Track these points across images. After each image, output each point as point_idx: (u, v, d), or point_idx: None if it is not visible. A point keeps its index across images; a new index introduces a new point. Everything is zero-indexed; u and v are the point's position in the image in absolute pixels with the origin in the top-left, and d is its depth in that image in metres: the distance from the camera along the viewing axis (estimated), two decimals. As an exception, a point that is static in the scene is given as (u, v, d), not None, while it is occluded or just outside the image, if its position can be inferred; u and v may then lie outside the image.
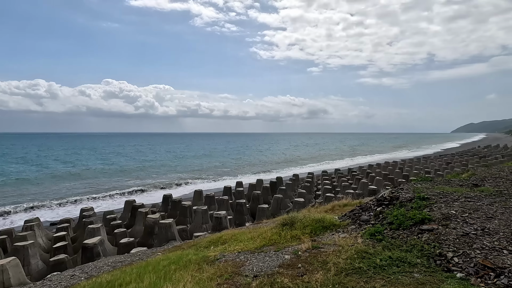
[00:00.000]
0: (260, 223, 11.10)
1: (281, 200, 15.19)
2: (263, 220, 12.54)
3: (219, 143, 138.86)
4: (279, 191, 17.43)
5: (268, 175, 34.69)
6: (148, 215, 11.87)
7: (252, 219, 14.47)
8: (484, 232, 3.71)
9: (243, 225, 12.49)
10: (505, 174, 8.30)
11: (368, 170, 25.83)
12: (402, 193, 6.03)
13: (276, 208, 15.06)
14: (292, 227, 6.04)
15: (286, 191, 17.84)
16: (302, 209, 11.55)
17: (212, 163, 51.91)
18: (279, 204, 15.09)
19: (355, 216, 6.31)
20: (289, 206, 16.16)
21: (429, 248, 3.55)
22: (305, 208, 11.75)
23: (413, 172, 24.44)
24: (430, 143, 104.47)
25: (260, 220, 12.68)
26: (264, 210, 13.45)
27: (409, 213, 4.68)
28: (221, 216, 11.09)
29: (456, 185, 6.68)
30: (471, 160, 31.33)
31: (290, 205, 16.54)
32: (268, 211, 13.89)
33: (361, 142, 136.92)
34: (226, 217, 11.47)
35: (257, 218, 13.38)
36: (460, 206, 4.79)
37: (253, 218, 14.45)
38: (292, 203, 15.78)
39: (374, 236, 4.47)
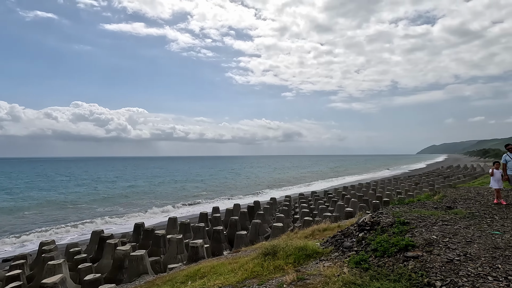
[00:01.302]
0: (239, 251, 10.64)
1: (259, 225, 14.82)
2: (242, 247, 12.05)
3: (195, 166, 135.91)
4: (257, 216, 17.06)
5: (245, 199, 34.11)
6: (118, 246, 10.96)
7: (230, 247, 13.88)
8: (467, 258, 3.74)
9: (221, 254, 11.91)
10: (472, 195, 8.73)
11: (343, 192, 26.25)
12: (382, 218, 6.06)
13: (254, 234, 14.63)
14: (275, 257, 5.79)
15: (264, 215, 17.51)
16: (282, 235, 11.29)
17: (187, 187, 50.30)
18: (257, 230, 14.69)
19: (337, 243, 6.21)
20: (268, 232, 15.78)
21: (417, 277, 3.49)
22: (284, 234, 11.49)
23: (385, 193, 25.19)
24: (399, 164, 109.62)
25: (238, 248, 12.16)
26: (243, 237, 13.00)
27: (392, 239, 4.66)
28: (198, 245, 10.50)
29: (431, 208, 6.87)
30: (437, 180, 33.08)
31: (268, 230, 16.17)
32: (246, 237, 13.43)
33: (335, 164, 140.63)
34: (203, 246, 10.89)
35: (235, 245, 12.86)
36: (440, 230, 4.87)
37: (231, 245, 13.88)
38: (271, 228, 15.45)
39: (360, 264, 4.37)
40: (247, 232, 14.71)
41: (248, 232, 14.80)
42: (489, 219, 5.65)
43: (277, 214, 18.18)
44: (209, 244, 13.31)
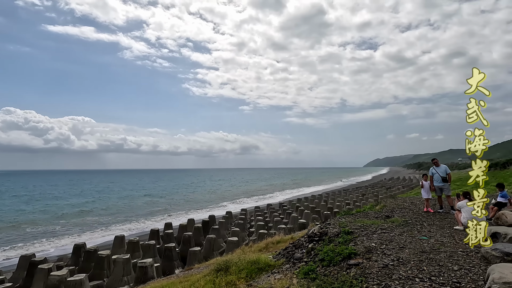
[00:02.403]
0: (192, 269, 10.24)
1: (214, 240, 14.49)
2: (195, 264, 11.62)
3: (146, 180, 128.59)
4: (212, 231, 16.70)
5: (200, 213, 33.14)
6: (52, 272, 9.78)
7: (183, 265, 13.29)
8: (400, 262, 4.14)
9: (172, 273, 11.32)
10: (407, 205, 9.71)
11: (297, 204, 27.06)
12: (330, 228, 6.41)
13: (209, 250, 14.24)
14: (227, 272, 5.72)
15: (219, 230, 17.19)
16: (236, 249, 11.18)
17: (137, 203, 47.22)
18: (212, 245, 14.34)
19: (288, 254, 6.38)
20: (223, 247, 15.48)
21: (357, 283, 3.75)
22: (239, 248, 11.40)
23: (336, 204, 26.60)
24: (348, 176, 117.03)
25: (191, 265, 11.71)
26: (196, 253, 12.56)
27: (337, 249, 4.95)
28: (147, 265, 9.87)
29: (372, 217, 7.47)
30: (381, 191, 36.00)
31: (223, 245, 15.87)
32: (200, 254, 13.01)
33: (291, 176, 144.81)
34: (153, 265, 10.26)
35: (188, 263, 12.37)
36: (378, 238, 5.32)
37: (184, 263, 13.30)
38: (226, 242, 15.20)
39: (308, 274, 4.54)
40: (201, 248, 14.26)
41: (202, 248, 14.36)
42: (419, 226, 6.34)
43: (233, 228, 17.99)
44: (160, 263, 12.59)
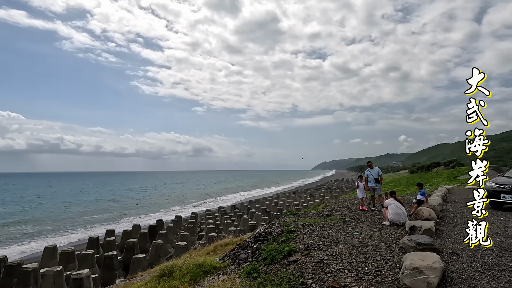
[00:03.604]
0: (135, 277, 9.69)
1: (160, 246, 13.90)
2: (139, 273, 11.01)
3: (87, 183, 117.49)
4: (159, 236, 15.99)
5: (148, 219, 31.43)
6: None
7: (125, 274, 12.46)
8: (333, 257, 4.51)
9: (112, 284, 10.56)
10: (346, 204, 10.54)
11: (248, 206, 27.40)
12: (274, 228, 6.66)
13: (155, 256, 13.60)
14: (170, 277, 5.58)
15: (167, 235, 16.54)
16: (184, 254, 10.90)
17: (75, 209, 42.90)
18: (158, 251, 13.73)
19: (234, 256, 6.45)
20: (171, 252, 14.93)
21: (294, 278, 3.99)
22: (187, 252, 11.14)
23: (285, 205, 27.58)
24: (298, 178, 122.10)
25: (134, 274, 11.06)
26: (140, 260, 11.91)
27: (280, 247, 5.18)
28: (82, 277, 9.05)
29: (314, 216, 7.96)
30: (326, 192, 38.34)
31: (171, 250, 15.31)
32: (145, 261, 12.36)
33: (244, 179, 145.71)
34: (89, 277, 9.45)
35: (131, 271, 11.66)
36: (317, 235, 5.70)
37: (127, 272, 12.49)
38: (174, 248, 14.70)
39: (251, 274, 4.67)
40: (146, 255, 13.56)
41: (147, 255, 13.66)
42: (354, 223, 6.95)
43: (182, 233, 17.48)
44: (98, 273, 11.64)
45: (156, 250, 13.75)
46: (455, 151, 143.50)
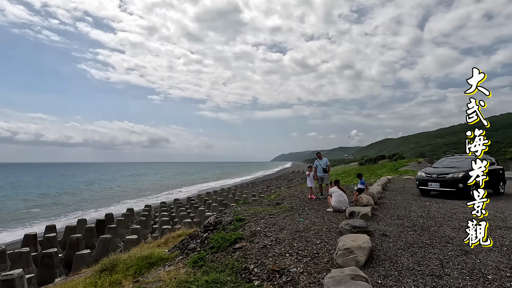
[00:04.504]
0: (77, 275, 9.08)
1: (108, 241, 13.17)
2: (82, 269, 10.33)
3: (24, 175, 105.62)
4: (108, 231, 15.14)
5: (96, 213, 29.44)
6: None
7: (67, 272, 11.60)
8: (277, 242, 4.71)
9: (50, 283, 9.75)
10: (297, 193, 11.02)
11: (205, 198, 27.16)
12: (224, 217, 6.72)
13: (102, 251, 12.84)
14: (113, 271, 5.34)
15: (116, 229, 15.71)
16: (134, 248, 10.48)
17: (12, 204, 38.42)
18: (106, 246, 12.99)
19: (183, 246, 6.39)
20: (120, 246, 14.24)
21: (238, 264, 4.10)
22: (138, 246, 10.73)
23: (243, 196, 27.90)
24: (257, 170, 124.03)
25: (77, 271, 10.35)
26: (84, 257, 11.17)
27: (227, 235, 5.26)
28: (14, 277, 8.19)
29: (265, 205, 8.20)
30: (283, 183, 39.61)
31: (121, 245, 14.61)
32: (90, 257, 11.62)
33: (202, 170, 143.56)
34: (23, 277, 8.59)
35: (74, 268, 10.90)
36: (265, 223, 5.89)
37: (70, 270, 11.63)
38: (124, 242, 14.03)
39: (197, 263, 4.67)
40: (92, 250, 12.75)
41: (94, 251, 12.86)
42: (301, 210, 7.32)
43: (133, 226, 16.75)
44: (35, 273, 10.66)
45: (103, 245, 13.00)
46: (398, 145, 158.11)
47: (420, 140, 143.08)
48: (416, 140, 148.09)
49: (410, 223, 5.96)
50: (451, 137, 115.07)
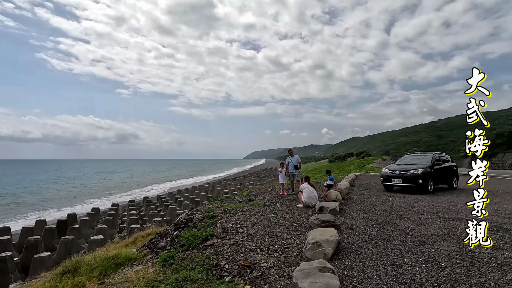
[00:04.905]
0: (35, 279, 8.48)
1: (71, 242, 12.45)
2: (41, 273, 9.67)
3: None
4: (70, 231, 14.30)
5: (57, 213, 27.62)
6: None
7: (24, 276, 10.80)
8: (248, 238, 4.75)
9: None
10: (269, 190, 11.16)
11: (177, 196, 26.58)
12: (196, 214, 6.64)
13: (64, 253, 12.10)
14: (76, 274, 5.07)
15: (80, 230, 14.88)
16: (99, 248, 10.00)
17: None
18: (68, 247, 12.27)
19: (153, 245, 6.22)
20: (84, 248, 13.52)
21: (209, 261, 4.08)
22: (102, 246, 10.26)
23: (215, 193, 27.68)
24: (230, 167, 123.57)
25: (36, 275, 9.67)
26: (43, 260, 10.47)
27: (198, 232, 5.20)
28: (-39, 285, 7.49)
29: (238, 202, 8.21)
30: (256, 180, 39.88)
31: (85, 246, 13.87)
32: (50, 260, 10.91)
33: (173, 167, 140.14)
34: (-28, 284, 7.88)
35: (32, 272, 10.18)
36: (236, 219, 5.91)
37: (27, 274, 10.84)
38: (88, 243, 13.33)
39: (167, 261, 4.58)
40: (53, 253, 11.97)
41: (54, 253, 12.08)
42: (272, 206, 7.43)
43: (99, 226, 15.96)
44: (-14, 279, 9.79)
45: (65, 247, 12.26)
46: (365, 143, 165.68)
47: (385, 138, 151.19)
48: (381, 139, 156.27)
49: (374, 216, 6.30)
50: (413, 136, 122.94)
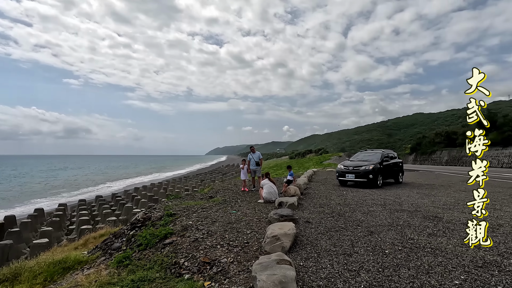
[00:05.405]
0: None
1: (9, 247, 11.22)
2: (-28, 284, 8.58)
3: None
4: (8, 236, 12.86)
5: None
6: None
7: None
8: (209, 235, 4.74)
9: None
10: (231, 186, 11.18)
11: (133, 194, 25.33)
12: (154, 213, 6.42)
13: (1, 260, 10.86)
14: (16, 281, 4.61)
15: (20, 233, 13.47)
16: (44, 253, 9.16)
17: None
18: (6, 253, 11.04)
19: (106, 246, 5.89)
20: (26, 253, 12.26)
21: (168, 260, 3.99)
22: (47, 251, 9.42)
23: (175, 191, 26.91)
24: (190, 164, 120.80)
25: (-35, 286, 8.55)
26: (-25, 268, 9.28)
27: (157, 231, 5.05)
28: None
29: (198, 199, 8.11)
30: (217, 177, 39.58)
31: (26, 251, 12.59)
32: (-17, 268, 9.71)
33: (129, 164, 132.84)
34: None
35: (-40, 284, 8.97)
36: (197, 216, 5.84)
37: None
38: (31, 247, 12.12)
39: (122, 262, 4.38)
40: (-14, 260, 10.66)
41: (-12, 260, 10.77)
42: (233, 203, 7.48)
43: (43, 229, 14.57)
44: None
45: (2, 253, 11.01)
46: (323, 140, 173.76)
47: (342, 136, 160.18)
48: (338, 137, 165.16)
49: (329, 210, 6.68)
50: (366, 135, 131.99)
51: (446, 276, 3.22)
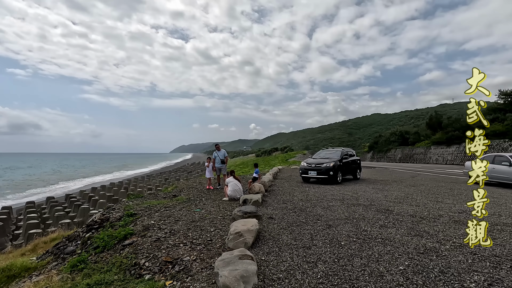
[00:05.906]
0: None
1: None
2: None
3: None
4: None
5: None
6: None
7: None
8: (171, 234, 4.66)
9: None
10: (196, 185, 11.03)
11: (90, 194, 23.79)
12: (113, 213, 6.14)
13: None
14: (-51, 294, 4.14)
15: (-45, 241, 11.98)
16: (-16, 261, 8.27)
17: None
18: None
19: (58, 251, 5.53)
20: (-39, 262, 10.95)
21: (127, 261, 3.87)
22: (-10, 259, 8.51)
23: (137, 190, 25.77)
24: (154, 162, 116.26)
25: None
26: None
27: (115, 232, 4.84)
28: None
29: (161, 198, 7.90)
30: (182, 175, 38.64)
31: (-38, 260, 11.24)
32: None
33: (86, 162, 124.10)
34: None
35: None
36: (159, 216, 5.71)
37: None
38: (-33, 256, 10.83)
39: (76, 266, 4.15)
40: None
41: None
42: (198, 201, 7.41)
43: (-17, 235, 13.13)
44: None
45: None
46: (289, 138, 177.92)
47: (306, 134, 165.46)
48: (303, 135, 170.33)
49: (292, 206, 6.92)
50: (329, 133, 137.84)
51: (392, 263, 3.54)
